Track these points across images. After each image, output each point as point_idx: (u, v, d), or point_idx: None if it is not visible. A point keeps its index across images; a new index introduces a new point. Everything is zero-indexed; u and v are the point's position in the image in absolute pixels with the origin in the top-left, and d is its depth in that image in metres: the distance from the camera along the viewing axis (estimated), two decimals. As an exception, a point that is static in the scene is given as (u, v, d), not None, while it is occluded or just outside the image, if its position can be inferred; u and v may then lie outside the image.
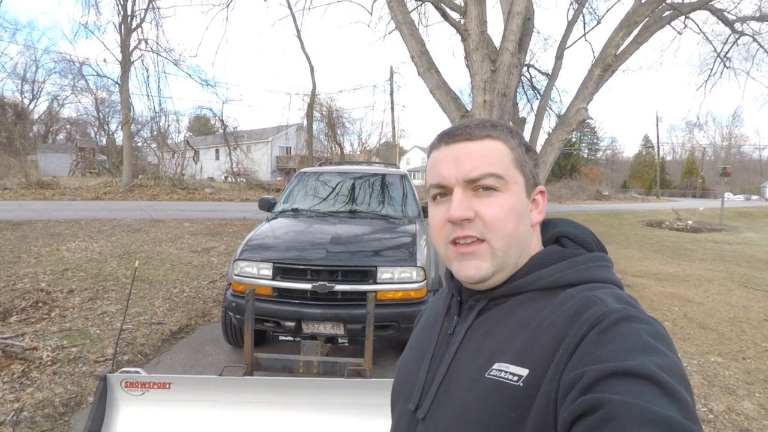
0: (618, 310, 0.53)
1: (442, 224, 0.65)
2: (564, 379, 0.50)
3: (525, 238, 0.66)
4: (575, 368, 0.49)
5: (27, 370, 3.01)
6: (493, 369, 0.58)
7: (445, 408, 0.62)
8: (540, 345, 0.55)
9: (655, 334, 0.50)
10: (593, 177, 48.08)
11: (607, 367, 0.46)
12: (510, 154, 0.65)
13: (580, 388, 0.46)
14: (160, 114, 22.79)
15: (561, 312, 0.57)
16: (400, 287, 3.18)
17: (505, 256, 0.63)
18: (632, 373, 0.44)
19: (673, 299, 5.84)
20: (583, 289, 0.60)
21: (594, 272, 0.63)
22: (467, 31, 5.24)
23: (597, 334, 0.51)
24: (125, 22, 18.35)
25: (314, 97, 22.10)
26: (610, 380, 0.45)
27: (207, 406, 1.96)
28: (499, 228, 0.62)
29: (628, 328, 0.50)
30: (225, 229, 10.44)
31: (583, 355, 0.50)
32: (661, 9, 6.25)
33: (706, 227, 16.97)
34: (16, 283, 5.00)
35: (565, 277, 0.63)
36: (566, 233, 0.70)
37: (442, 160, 0.66)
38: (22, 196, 15.66)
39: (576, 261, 0.64)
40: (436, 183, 0.66)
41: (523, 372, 0.54)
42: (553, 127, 6.70)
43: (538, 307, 0.61)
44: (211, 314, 4.61)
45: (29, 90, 37.23)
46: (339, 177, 4.79)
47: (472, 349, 0.64)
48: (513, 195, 0.64)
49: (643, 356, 0.46)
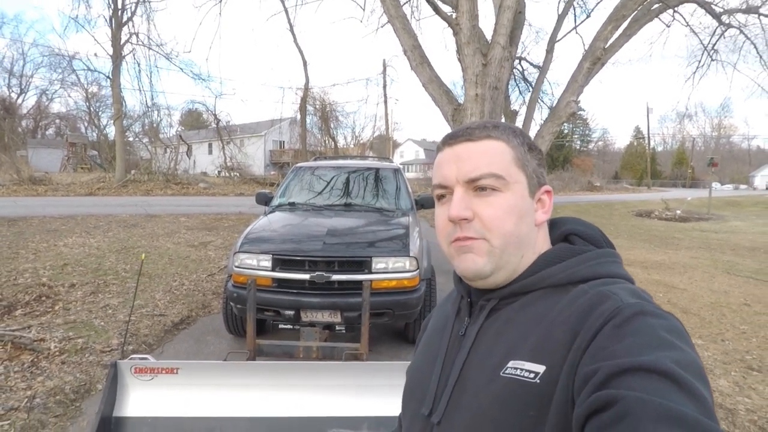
0: (633, 305, 0.52)
1: (445, 224, 0.66)
2: (579, 374, 0.49)
3: (527, 238, 0.66)
4: (590, 363, 0.49)
5: (36, 360, 3.12)
6: (509, 367, 0.57)
7: (461, 410, 0.61)
8: (555, 341, 0.55)
9: (670, 329, 0.50)
10: (585, 168, 48.47)
11: (622, 363, 0.45)
12: (511, 153, 0.66)
13: (594, 384, 0.46)
14: (153, 108, 22.70)
15: (575, 307, 0.56)
16: (394, 276, 3.32)
17: (504, 254, 0.64)
18: (647, 368, 0.44)
19: (658, 286, 6.03)
20: (596, 285, 0.59)
21: (605, 268, 0.64)
22: (459, 26, 5.32)
23: (612, 328, 0.50)
24: (116, 15, 18.21)
25: (307, 90, 22.09)
26: (625, 376, 0.44)
27: (213, 390, 2.07)
28: (497, 228, 0.63)
29: (643, 323, 0.50)
30: (221, 223, 10.51)
31: (597, 350, 0.49)
32: (649, 2, 6.35)
33: (694, 216, 17.29)
34: (17, 278, 5.07)
35: (577, 273, 0.62)
36: (575, 231, 0.71)
37: (445, 161, 0.67)
38: (14, 192, 15.59)
39: (586, 257, 0.64)
40: (438, 183, 0.68)
41: (539, 369, 0.54)
42: (545, 119, 6.83)
43: (550, 303, 0.60)
44: (211, 306, 4.73)
45: (17, 84, 36.71)
46: (334, 171, 4.90)
47: (485, 349, 0.63)
48: (514, 195, 0.64)
49: (658, 351, 0.46)
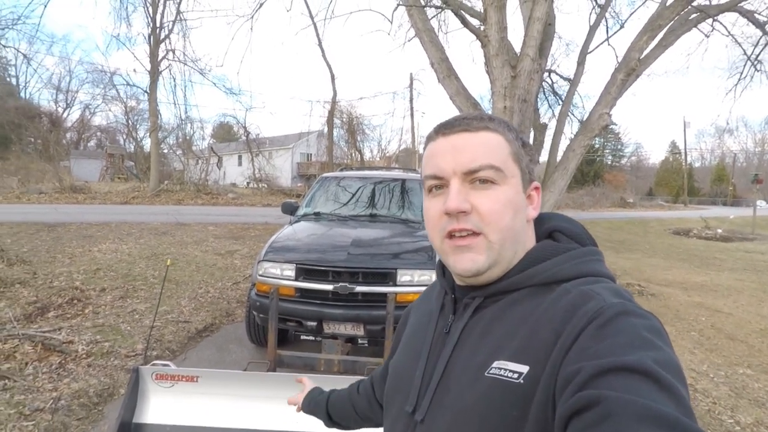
0: (615, 305, 0.53)
1: (439, 217, 0.64)
2: (561, 374, 0.49)
3: (521, 233, 0.65)
4: (573, 363, 0.49)
5: (64, 362, 3.18)
6: (493, 367, 0.57)
7: (445, 408, 0.61)
8: (538, 341, 0.55)
9: (651, 329, 0.50)
10: (617, 184, 46.97)
11: (605, 363, 0.46)
12: (508, 147, 0.65)
13: (577, 384, 0.46)
14: (186, 121, 23.53)
15: (558, 307, 0.56)
16: (419, 290, 3.22)
17: (501, 250, 0.63)
18: (629, 368, 0.44)
19: (700, 309, 5.68)
20: (579, 284, 0.59)
21: (589, 266, 0.63)
22: (487, 38, 5.27)
23: (595, 329, 0.51)
24: (154, 33, 19.04)
25: (335, 104, 22.38)
26: (607, 376, 0.45)
27: (232, 400, 2.04)
28: (495, 221, 0.62)
29: (625, 323, 0.50)
30: (247, 232, 10.67)
31: (580, 350, 0.50)
32: (687, 12, 6.14)
33: (737, 236, 16.38)
34: (53, 281, 5.25)
35: (561, 272, 0.62)
36: (559, 227, 0.70)
37: (440, 151, 0.65)
38: (56, 200, 16.33)
39: (571, 255, 0.64)
40: (432, 174, 0.65)
41: (523, 369, 0.54)
42: (575, 133, 6.65)
43: (535, 303, 0.60)
44: (235, 314, 4.74)
45: (63, 99, 38.98)
46: (359, 182, 4.88)
47: (470, 347, 0.63)
48: (510, 188, 0.63)
49: (640, 351, 0.46)
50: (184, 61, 19.45)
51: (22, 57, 24.41)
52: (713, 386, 3.49)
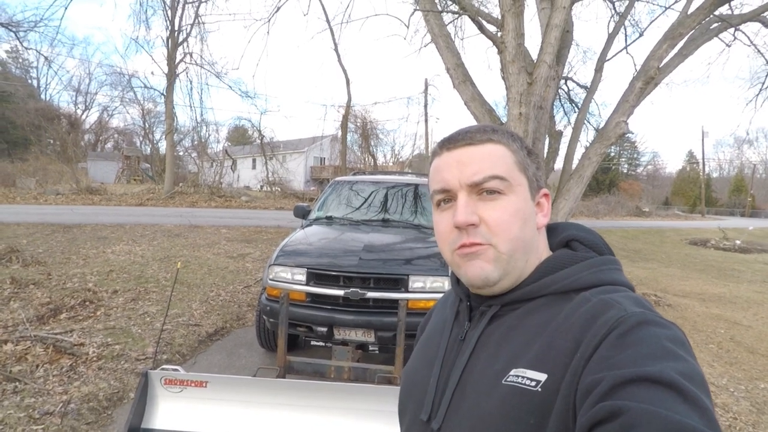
0: (637, 314, 0.52)
1: (449, 231, 0.64)
2: (582, 384, 0.48)
3: (531, 242, 0.65)
4: (594, 372, 0.48)
5: (74, 365, 3.18)
6: (510, 375, 0.56)
7: (461, 417, 0.61)
8: (557, 349, 0.54)
9: (674, 339, 0.49)
10: (633, 193, 46.25)
11: (627, 373, 0.45)
12: (512, 156, 0.65)
13: (598, 394, 0.45)
14: (202, 124, 23.84)
15: (577, 315, 0.56)
16: (431, 297, 3.17)
17: (511, 260, 0.62)
18: (652, 379, 0.43)
19: (718, 321, 5.52)
20: (598, 292, 0.58)
21: (607, 275, 0.62)
22: (504, 44, 5.22)
23: (616, 338, 0.50)
24: (172, 36, 19.35)
25: (349, 108, 22.44)
26: (629, 386, 0.44)
27: (241, 406, 2.01)
28: (504, 231, 0.62)
29: (647, 333, 0.49)
30: (260, 236, 10.71)
31: (601, 359, 0.49)
32: (708, 21, 6.02)
33: (756, 248, 15.96)
34: (66, 282, 5.30)
35: (579, 281, 0.61)
36: (576, 237, 0.69)
37: (445, 165, 0.66)
38: (73, 201, 16.62)
39: (589, 264, 0.63)
40: (440, 188, 0.66)
41: (541, 377, 0.53)
42: (591, 140, 6.55)
43: (553, 311, 0.59)
44: (246, 318, 4.73)
45: (82, 101, 39.91)
46: (372, 186, 4.85)
47: (487, 355, 0.62)
48: (518, 197, 0.63)
49: (663, 362, 0.45)
50: (201, 64, 19.78)
51: (44, 59, 24.96)
52: (733, 401, 3.39)
